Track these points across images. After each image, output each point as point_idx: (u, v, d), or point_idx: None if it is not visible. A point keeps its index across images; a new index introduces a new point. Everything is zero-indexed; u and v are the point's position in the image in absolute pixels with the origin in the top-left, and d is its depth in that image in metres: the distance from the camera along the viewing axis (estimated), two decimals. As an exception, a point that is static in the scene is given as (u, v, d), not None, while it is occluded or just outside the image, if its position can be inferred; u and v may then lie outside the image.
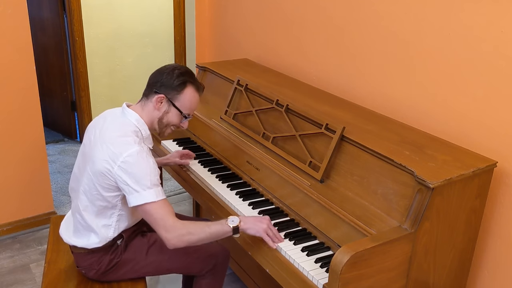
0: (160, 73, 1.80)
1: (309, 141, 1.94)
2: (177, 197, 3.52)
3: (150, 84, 1.81)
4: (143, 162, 1.64)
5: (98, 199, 1.72)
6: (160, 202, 1.63)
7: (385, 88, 2.13)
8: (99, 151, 1.67)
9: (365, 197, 1.68)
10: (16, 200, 2.94)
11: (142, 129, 1.76)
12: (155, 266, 1.87)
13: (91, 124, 1.84)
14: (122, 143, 1.65)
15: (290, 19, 2.64)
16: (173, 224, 1.63)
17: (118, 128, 1.71)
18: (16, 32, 2.67)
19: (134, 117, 1.76)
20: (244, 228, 1.67)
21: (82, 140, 1.85)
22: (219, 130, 2.31)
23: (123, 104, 1.81)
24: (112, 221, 1.77)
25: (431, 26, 1.89)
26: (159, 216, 1.63)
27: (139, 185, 1.62)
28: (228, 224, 1.66)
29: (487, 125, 1.75)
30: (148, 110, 1.79)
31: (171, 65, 1.83)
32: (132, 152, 1.63)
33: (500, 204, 1.75)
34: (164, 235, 1.63)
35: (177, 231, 1.62)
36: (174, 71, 1.79)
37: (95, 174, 1.68)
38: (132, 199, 1.64)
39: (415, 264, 1.57)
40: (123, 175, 1.62)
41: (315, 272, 1.56)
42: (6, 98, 2.74)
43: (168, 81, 1.77)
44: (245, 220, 1.69)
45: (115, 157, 1.63)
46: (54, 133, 4.53)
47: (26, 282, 2.60)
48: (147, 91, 1.81)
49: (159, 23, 4.34)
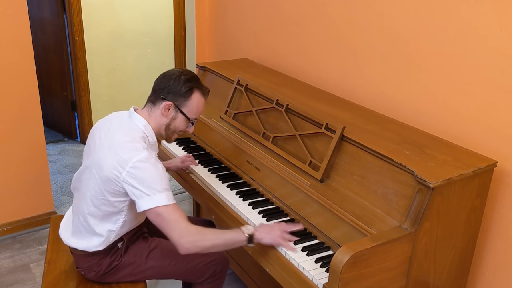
0: (166, 79, 1.77)
1: (309, 141, 1.94)
2: (177, 197, 3.52)
3: (157, 90, 1.78)
4: (152, 167, 1.62)
5: (105, 204, 1.71)
6: (172, 206, 1.62)
7: (385, 88, 2.13)
8: (107, 156, 1.65)
9: (365, 197, 1.68)
10: (16, 200, 2.94)
11: (150, 136, 1.75)
12: (154, 271, 1.86)
13: (96, 126, 1.81)
14: (131, 149, 1.63)
15: (290, 19, 2.64)
16: (187, 228, 1.61)
17: (126, 133, 1.69)
18: (16, 32, 2.67)
19: (142, 122, 1.74)
20: (259, 238, 1.66)
21: (86, 141, 1.83)
22: (219, 130, 2.31)
23: (131, 108, 1.78)
24: (117, 227, 1.76)
25: (431, 26, 1.88)
26: (172, 220, 1.61)
27: (150, 189, 1.60)
28: (243, 232, 1.64)
29: (487, 125, 1.75)
30: (155, 116, 1.77)
31: (176, 70, 1.81)
32: (141, 157, 1.61)
33: (500, 204, 1.75)
34: (177, 239, 1.60)
35: (191, 236, 1.60)
36: (180, 77, 1.76)
37: (103, 179, 1.66)
38: (142, 203, 1.61)
39: (415, 264, 1.57)
40: (132, 181, 1.61)
41: (315, 272, 1.56)
42: (6, 98, 2.74)
43: (175, 87, 1.75)
44: (258, 229, 1.67)
45: (124, 163, 1.61)
46: (54, 133, 4.53)
47: (26, 282, 2.61)
48: (153, 97, 1.78)
49: (159, 23, 4.34)
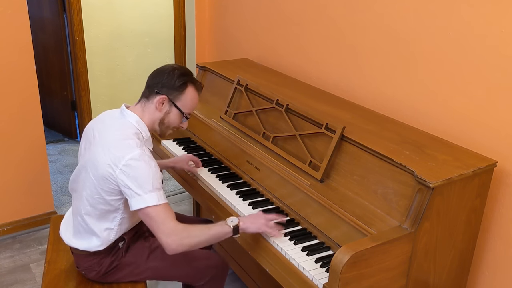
0: (160, 74, 1.79)
1: (309, 141, 1.94)
2: (177, 197, 3.52)
3: (150, 85, 1.79)
4: (145, 165, 1.62)
5: (101, 203, 1.71)
6: (162, 206, 1.62)
7: (385, 88, 2.13)
8: (100, 155, 1.65)
9: (365, 196, 1.68)
10: (16, 200, 2.94)
11: (143, 131, 1.75)
12: (154, 272, 1.86)
13: (89, 125, 1.82)
14: (124, 146, 1.64)
15: (290, 19, 2.63)
16: (174, 228, 1.61)
17: (119, 131, 1.69)
18: (16, 32, 2.67)
19: (134, 118, 1.74)
20: (244, 227, 1.67)
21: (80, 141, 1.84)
22: (219, 130, 2.31)
23: (122, 106, 1.79)
24: (115, 225, 1.76)
25: (431, 26, 1.88)
26: (159, 220, 1.61)
27: (141, 188, 1.60)
28: (227, 225, 1.66)
29: (487, 124, 1.75)
30: (149, 111, 1.78)
31: (170, 65, 1.82)
32: (134, 155, 1.61)
33: (500, 204, 1.75)
34: (164, 239, 1.61)
35: (177, 235, 1.61)
36: (174, 72, 1.78)
37: (98, 178, 1.66)
38: (134, 203, 1.62)
39: (415, 264, 1.57)
40: (125, 178, 1.61)
41: (315, 272, 1.56)
42: (6, 98, 2.74)
43: (169, 81, 1.76)
44: (243, 220, 1.70)
45: (117, 160, 1.62)
46: (54, 133, 4.53)
47: (26, 282, 2.61)
48: (147, 92, 1.80)
49: (159, 23, 4.34)
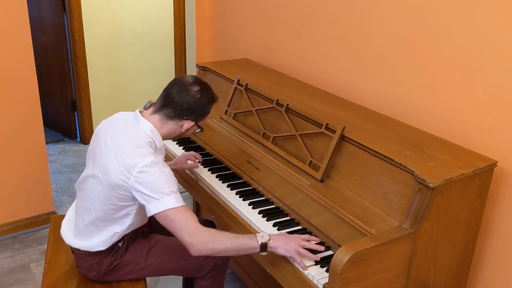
0: (186, 93, 1.73)
1: (309, 141, 1.94)
2: (177, 197, 3.51)
3: (176, 105, 1.72)
4: (159, 171, 1.62)
5: (113, 209, 1.71)
6: (181, 208, 1.61)
7: (385, 88, 2.13)
8: (113, 162, 1.64)
9: (365, 196, 1.68)
10: (16, 200, 2.94)
11: (156, 140, 1.74)
12: (155, 267, 1.86)
13: (100, 127, 1.80)
14: (137, 154, 1.63)
15: (291, 19, 2.63)
16: (197, 229, 1.60)
17: (132, 139, 1.68)
18: (16, 32, 2.67)
19: (148, 127, 1.72)
20: (274, 246, 1.61)
21: (86, 140, 1.83)
22: (219, 130, 2.31)
23: (136, 111, 1.77)
24: (123, 229, 1.77)
25: (431, 26, 1.88)
26: (182, 221, 1.60)
27: (158, 193, 1.59)
28: (256, 240, 1.60)
29: (487, 124, 1.75)
30: (170, 127, 1.76)
31: (195, 82, 1.76)
32: (148, 162, 1.61)
33: (500, 204, 1.75)
34: (188, 240, 1.59)
35: (201, 237, 1.59)
36: (203, 96, 1.74)
37: (110, 185, 1.66)
38: (152, 207, 1.61)
39: (415, 264, 1.57)
40: (140, 186, 1.61)
41: (315, 271, 1.56)
42: (6, 98, 2.74)
43: (200, 109, 1.75)
44: (274, 238, 1.62)
45: (131, 168, 1.61)
46: (54, 133, 4.52)
47: (26, 282, 2.61)
48: (171, 112, 1.73)
49: (159, 23, 4.34)
